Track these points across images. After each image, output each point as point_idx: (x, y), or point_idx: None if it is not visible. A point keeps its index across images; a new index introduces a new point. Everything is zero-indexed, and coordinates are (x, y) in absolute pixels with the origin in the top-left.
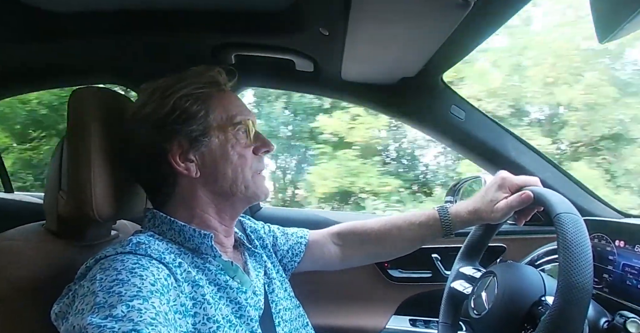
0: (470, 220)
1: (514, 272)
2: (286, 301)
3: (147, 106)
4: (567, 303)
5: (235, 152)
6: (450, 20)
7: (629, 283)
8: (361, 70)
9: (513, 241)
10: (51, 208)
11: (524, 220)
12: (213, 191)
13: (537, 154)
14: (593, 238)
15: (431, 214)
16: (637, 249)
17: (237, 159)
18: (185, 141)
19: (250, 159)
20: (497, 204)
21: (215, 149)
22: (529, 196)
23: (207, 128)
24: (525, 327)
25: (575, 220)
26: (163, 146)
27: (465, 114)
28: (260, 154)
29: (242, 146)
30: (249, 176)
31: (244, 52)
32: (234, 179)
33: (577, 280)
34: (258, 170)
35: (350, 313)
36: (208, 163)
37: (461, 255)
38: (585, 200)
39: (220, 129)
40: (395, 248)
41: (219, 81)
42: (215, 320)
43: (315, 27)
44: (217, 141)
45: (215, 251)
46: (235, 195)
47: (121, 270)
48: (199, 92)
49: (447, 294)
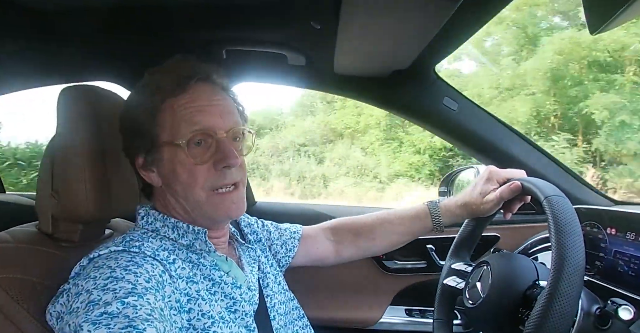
0: (461, 214)
1: (507, 261)
2: (280, 295)
3: (122, 112)
4: (562, 277)
5: (184, 170)
6: (442, 13)
7: (620, 270)
8: (353, 63)
9: (506, 231)
10: (44, 209)
11: (510, 212)
12: (181, 203)
13: (529, 144)
14: (585, 226)
15: (421, 208)
16: (628, 236)
17: (186, 178)
18: (142, 154)
19: (204, 177)
20: (487, 196)
21: (165, 165)
22: (518, 186)
23: (155, 144)
24: (521, 312)
25: (563, 201)
26: (131, 154)
27: (457, 106)
28: (220, 170)
29: (194, 162)
30: (201, 197)
31: (236, 46)
32: (186, 197)
33: (569, 254)
34: (215, 188)
35: (347, 304)
36: (162, 176)
37: (452, 251)
38: (578, 189)
39: (169, 145)
40: (387, 242)
41: (173, 85)
42: (210, 315)
43: (306, 21)
44: (166, 157)
45: (210, 246)
46: (193, 213)
47: (115, 268)
48: (149, 101)
49: (441, 291)
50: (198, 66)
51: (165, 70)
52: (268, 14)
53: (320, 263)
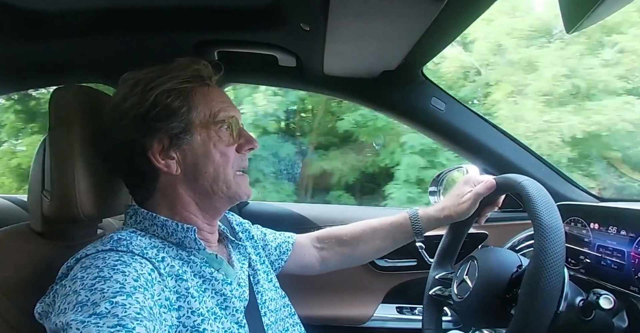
0: (439, 218)
1: (492, 254)
2: (271, 292)
3: (128, 100)
4: (545, 244)
5: (217, 150)
6: (427, 13)
7: (604, 263)
8: (343, 64)
9: (494, 228)
10: (35, 208)
11: (484, 219)
12: (194, 189)
13: (515, 143)
14: (569, 222)
15: (402, 215)
16: (610, 230)
17: (219, 158)
18: (166, 138)
19: (233, 158)
20: (465, 197)
21: (197, 147)
22: (492, 182)
23: (189, 125)
24: (508, 295)
25: (534, 182)
26: (143, 143)
27: (445, 106)
28: (243, 152)
29: (225, 144)
30: (230, 176)
31: (227, 48)
32: (215, 178)
33: (549, 221)
34: (240, 169)
35: (338, 302)
36: (189, 160)
37: (436, 262)
38: (563, 186)
39: (203, 127)
40: (370, 248)
41: (203, 75)
42: (200, 313)
43: (296, 22)
44: (199, 138)
45: (199, 244)
46: (217, 194)
47: (103, 268)
48: (182, 87)
49: (427, 302)
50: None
51: (187, 65)
52: (258, 15)
53: (306, 271)
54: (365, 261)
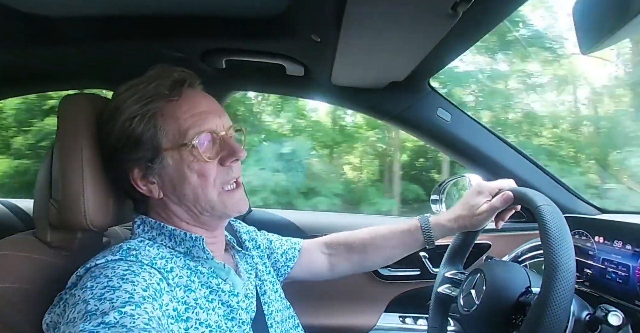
0: (453, 227)
1: (500, 268)
2: (277, 302)
3: (102, 129)
4: (554, 284)
5: (193, 171)
6: (440, 29)
7: (609, 277)
8: (351, 75)
9: (498, 238)
10: (42, 217)
11: (502, 221)
12: (182, 209)
13: (520, 154)
14: (574, 235)
15: (413, 223)
16: (615, 244)
17: (195, 180)
18: (141, 166)
19: (214, 175)
20: (480, 208)
21: (171, 171)
22: (510, 196)
23: (158, 150)
24: (514, 317)
25: (553, 210)
26: (124, 169)
27: (451, 117)
28: (228, 165)
29: (203, 161)
30: (213, 196)
31: (235, 57)
32: (196, 200)
33: (561, 260)
34: (226, 184)
35: (341, 312)
36: (167, 184)
37: (445, 260)
38: (567, 198)
39: (174, 149)
40: (380, 256)
41: (168, 90)
42: (207, 324)
43: (307, 34)
44: (171, 162)
45: (208, 254)
46: (203, 214)
47: (112, 277)
48: (145, 110)
49: (435, 299)
50: (183, 72)
51: (153, 78)
52: (268, 25)
53: (314, 277)
54: (374, 268)
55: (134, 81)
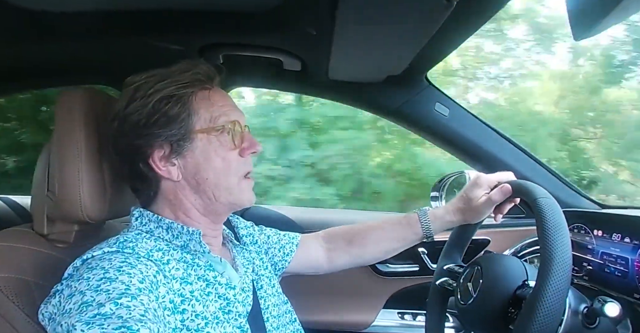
0: (452, 221)
1: (497, 261)
2: (274, 297)
3: (128, 106)
4: (549, 277)
5: (218, 156)
6: (435, 19)
7: (608, 271)
8: (348, 69)
9: (497, 234)
10: (39, 210)
11: (501, 214)
12: (196, 195)
13: (518, 149)
14: (572, 229)
15: (412, 216)
16: (614, 238)
17: (220, 164)
18: (167, 145)
19: (236, 163)
20: (479, 201)
21: (198, 154)
22: (508, 188)
23: (189, 132)
24: (510, 311)
25: (551, 203)
26: (144, 149)
27: (449, 111)
28: (246, 156)
29: (227, 149)
30: (233, 182)
31: (232, 51)
32: (217, 184)
33: (556, 254)
34: (244, 174)
35: (340, 308)
36: (190, 167)
37: (444, 252)
38: (565, 193)
39: (203, 133)
40: (379, 249)
41: (202, 78)
42: (204, 316)
43: (302, 27)
44: (199, 144)
45: (204, 247)
46: (219, 200)
47: (108, 269)
48: (181, 93)
49: (433, 291)
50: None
51: (188, 67)
52: (264, 19)
53: (313, 271)
54: (373, 261)
55: (157, 70)
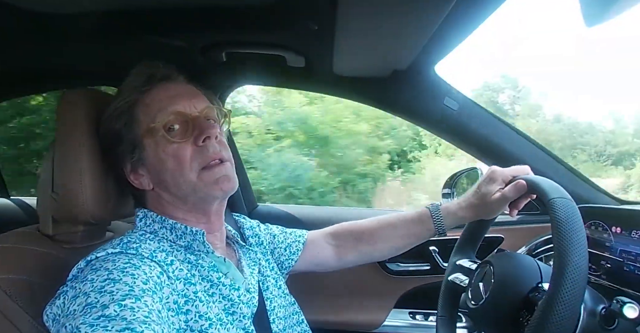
0: (464, 216)
1: (510, 261)
2: (280, 298)
3: (99, 131)
4: (563, 285)
5: (169, 155)
6: (440, 8)
7: (627, 269)
8: (353, 64)
9: (510, 232)
10: (44, 210)
11: (517, 210)
12: (172, 197)
13: (531, 143)
14: (590, 226)
15: (423, 212)
16: (634, 235)
17: (172, 164)
18: (127, 159)
19: (190, 156)
20: (492, 197)
21: (152, 158)
22: (523, 185)
23: (135, 140)
24: (522, 314)
25: (568, 204)
26: (117, 168)
27: (458, 105)
28: (202, 144)
29: (176, 143)
30: (192, 178)
31: (235, 49)
32: (177, 184)
33: (572, 259)
34: (203, 165)
35: (350, 307)
36: (153, 173)
37: (457, 248)
38: (581, 188)
39: (148, 134)
40: (389, 246)
41: (137, 84)
42: (207, 317)
43: (304, 22)
44: (149, 149)
45: (208, 247)
46: (189, 198)
47: (112, 270)
48: (123, 103)
49: (445, 287)
50: (160, 67)
51: (130, 75)
52: (265, 15)
53: (321, 268)
54: (383, 258)
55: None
